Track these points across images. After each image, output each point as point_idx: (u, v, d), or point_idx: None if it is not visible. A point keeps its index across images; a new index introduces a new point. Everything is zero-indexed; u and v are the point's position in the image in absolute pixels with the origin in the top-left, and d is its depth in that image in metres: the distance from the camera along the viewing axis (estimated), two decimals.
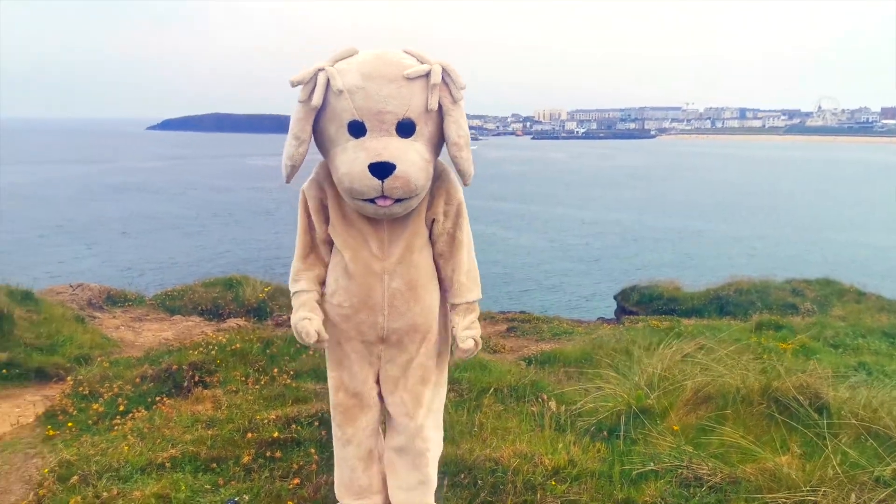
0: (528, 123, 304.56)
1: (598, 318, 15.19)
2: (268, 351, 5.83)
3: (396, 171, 2.49)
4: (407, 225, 2.79)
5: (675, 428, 4.18)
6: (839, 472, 3.41)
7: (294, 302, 2.86)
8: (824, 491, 3.29)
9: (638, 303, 15.56)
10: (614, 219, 46.67)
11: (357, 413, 3.02)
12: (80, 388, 5.49)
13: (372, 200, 2.56)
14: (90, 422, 4.97)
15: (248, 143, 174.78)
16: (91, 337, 8.11)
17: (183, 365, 5.49)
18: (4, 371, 6.58)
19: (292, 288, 2.90)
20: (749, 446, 3.77)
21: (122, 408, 5.07)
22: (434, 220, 2.87)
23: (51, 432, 4.96)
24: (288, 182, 2.80)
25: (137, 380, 5.47)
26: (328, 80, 2.54)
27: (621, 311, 15.78)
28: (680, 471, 3.69)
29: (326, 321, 2.88)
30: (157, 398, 5.15)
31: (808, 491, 3.31)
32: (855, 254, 34.69)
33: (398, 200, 2.57)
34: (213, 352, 5.68)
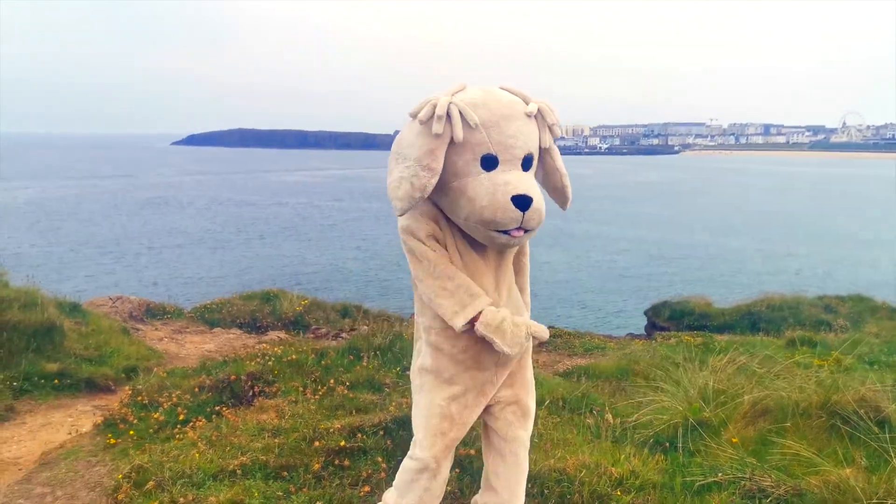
0: None
1: (628, 334, 15.17)
2: (322, 362, 5.91)
3: (534, 204, 2.59)
4: (507, 255, 2.93)
5: (735, 440, 4.21)
6: None
7: (493, 320, 2.72)
8: (891, 503, 3.30)
9: (669, 318, 15.53)
10: (640, 235, 46.58)
11: (455, 444, 3.04)
12: (139, 398, 5.60)
13: (506, 232, 2.63)
14: (151, 430, 5.08)
15: (271, 158, 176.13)
16: (137, 349, 8.27)
17: (241, 375, 5.59)
18: (56, 381, 6.72)
19: (467, 315, 2.74)
20: (812, 457, 3.78)
21: (181, 417, 5.17)
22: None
23: (112, 440, 5.07)
24: (402, 214, 2.73)
25: (196, 389, 5.57)
26: (460, 113, 2.60)
27: (652, 327, 15.74)
28: (743, 483, 3.71)
29: (441, 355, 2.91)
30: (217, 408, 5.25)
31: (874, 503, 3.33)
32: (886, 271, 34.37)
33: (526, 231, 2.66)
34: (269, 362, 5.78)
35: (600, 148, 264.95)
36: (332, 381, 5.43)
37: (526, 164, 2.70)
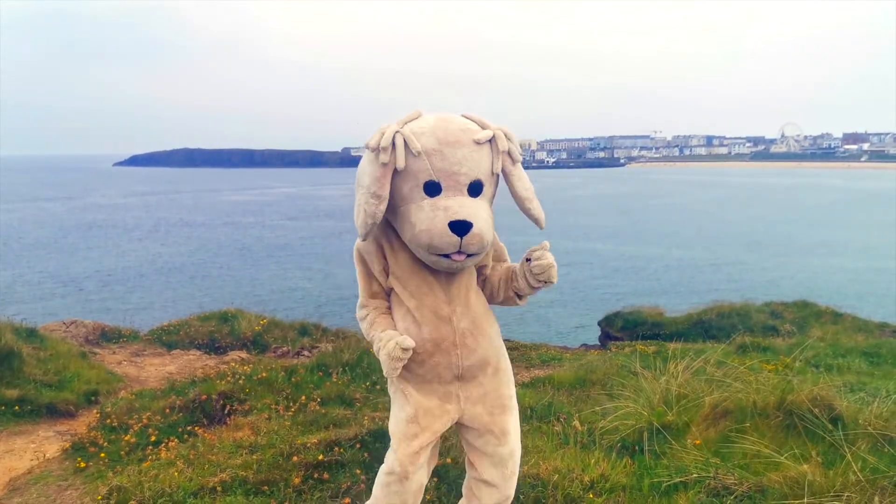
0: None
1: (582, 345, 15.36)
2: (293, 379, 5.97)
3: (473, 229, 2.66)
4: (462, 272, 2.96)
5: (698, 442, 4.38)
6: (860, 477, 3.60)
7: (365, 326, 3.05)
8: (848, 496, 3.47)
9: (622, 328, 15.74)
10: (591, 248, 47.14)
11: (425, 451, 3.07)
12: (108, 421, 5.58)
13: (447, 255, 2.72)
14: (122, 453, 5.08)
15: (218, 177, 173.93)
16: (97, 373, 8.17)
17: (212, 395, 5.61)
18: (17, 408, 6.63)
19: (360, 316, 3.09)
20: (771, 455, 3.97)
21: (153, 438, 5.18)
22: (483, 265, 3.10)
23: (81, 464, 5.06)
24: (365, 240, 2.93)
25: (166, 410, 5.58)
26: (405, 142, 2.70)
27: (606, 337, 15.94)
28: (707, 482, 3.87)
29: (403, 367, 2.97)
30: (189, 427, 5.26)
31: (832, 496, 3.50)
32: (828, 276, 35.39)
33: (469, 255, 2.74)
34: (240, 381, 5.81)
35: (547, 162, 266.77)
36: (303, 397, 5.50)
37: (473, 190, 2.77)
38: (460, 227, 2.65)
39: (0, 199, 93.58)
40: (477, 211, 2.72)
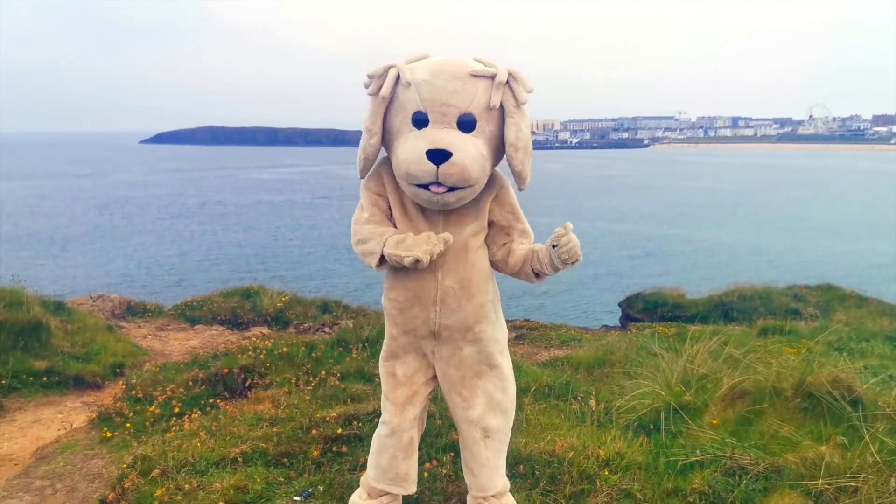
0: None
1: (602, 326, 15.35)
2: (313, 354, 6.04)
3: (452, 158, 2.57)
4: (463, 224, 2.89)
5: (715, 422, 4.39)
6: (878, 459, 3.59)
7: (375, 245, 2.86)
8: (864, 477, 3.47)
9: (643, 310, 15.66)
10: (613, 228, 46.84)
11: (408, 404, 3.08)
12: (134, 392, 5.70)
13: (426, 187, 2.66)
14: (147, 423, 5.19)
15: (243, 155, 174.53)
16: (123, 346, 8.32)
17: (234, 368, 5.70)
18: (45, 379, 6.78)
19: (365, 238, 2.91)
20: (789, 436, 3.97)
21: (177, 410, 5.29)
22: (493, 223, 2.99)
23: (108, 434, 5.17)
24: (362, 177, 2.94)
25: (189, 383, 5.68)
26: (398, 75, 2.68)
27: (626, 319, 15.90)
28: (723, 461, 3.88)
29: (387, 318, 3.05)
30: (211, 400, 5.36)
31: (848, 477, 3.51)
32: (854, 260, 35.01)
33: (451, 189, 2.66)
34: (261, 356, 5.90)
35: (570, 142, 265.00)
36: (323, 372, 5.57)
37: (464, 125, 2.68)
38: (438, 156, 2.58)
39: (31, 176, 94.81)
40: (462, 143, 2.63)
